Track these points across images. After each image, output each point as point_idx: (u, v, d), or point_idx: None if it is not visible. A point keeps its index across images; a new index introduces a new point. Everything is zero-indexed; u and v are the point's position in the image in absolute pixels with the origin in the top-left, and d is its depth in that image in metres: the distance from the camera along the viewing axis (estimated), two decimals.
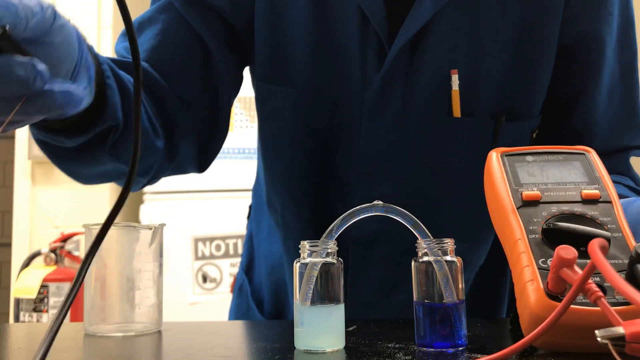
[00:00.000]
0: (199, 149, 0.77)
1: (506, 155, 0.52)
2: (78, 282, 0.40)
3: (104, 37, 2.59)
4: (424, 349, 0.45)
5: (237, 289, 0.91)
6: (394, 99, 0.70)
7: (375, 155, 0.71)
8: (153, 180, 0.74)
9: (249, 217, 0.95)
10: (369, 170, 0.72)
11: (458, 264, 0.46)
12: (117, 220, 0.46)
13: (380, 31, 0.69)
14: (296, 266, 0.47)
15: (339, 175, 0.74)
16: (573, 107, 0.76)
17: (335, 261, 0.46)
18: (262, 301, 0.86)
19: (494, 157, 0.52)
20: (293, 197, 0.77)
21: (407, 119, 0.71)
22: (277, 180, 0.79)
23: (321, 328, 0.46)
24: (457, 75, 0.68)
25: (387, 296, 0.74)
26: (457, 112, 0.70)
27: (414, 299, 0.47)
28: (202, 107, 0.75)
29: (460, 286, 0.46)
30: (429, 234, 0.47)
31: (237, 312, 0.90)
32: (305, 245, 0.47)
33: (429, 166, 0.72)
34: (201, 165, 0.79)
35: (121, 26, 0.44)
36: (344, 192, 0.74)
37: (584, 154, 0.52)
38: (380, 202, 0.48)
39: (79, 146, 0.60)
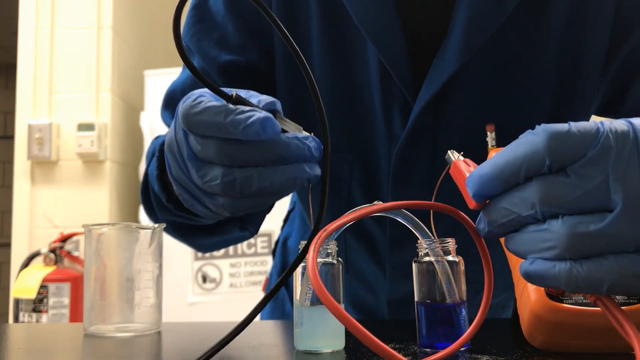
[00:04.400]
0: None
1: None
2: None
3: (104, 37, 2.59)
4: (426, 349, 0.45)
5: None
6: (421, 158, 0.66)
7: None
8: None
9: (285, 221, 0.94)
10: (400, 238, 0.69)
11: (460, 264, 0.46)
12: (116, 221, 0.46)
13: (404, 86, 0.64)
14: None
15: (370, 242, 0.73)
16: None
17: (335, 262, 0.46)
18: None
19: None
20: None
21: (437, 178, 0.67)
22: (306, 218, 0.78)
23: (321, 328, 0.45)
24: (494, 133, 0.59)
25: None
26: None
27: (416, 299, 0.47)
28: None
29: (462, 286, 0.46)
30: (430, 234, 0.47)
31: (273, 315, 0.89)
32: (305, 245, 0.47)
33: (465, 230, 0.66)
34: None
35: (120, 26, 0.43)
36: (378, 257, 0.73)
37: None
38: (380, 201, 0.47)
39: (214, 223, 0.65)
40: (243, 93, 0.45)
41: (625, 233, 0.34)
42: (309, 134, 0.43)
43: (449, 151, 0.46)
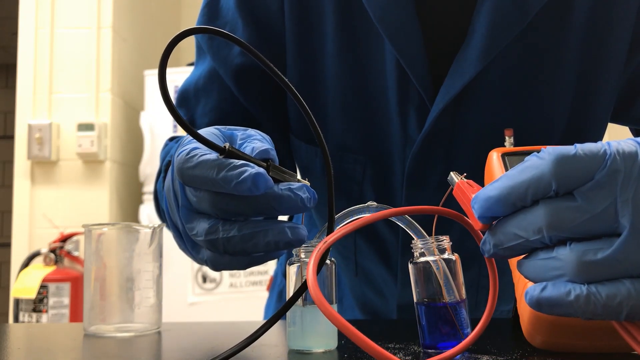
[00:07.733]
0: None
1: (507, 155, 0.52)
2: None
3: (104, 37, 2.59)
4: (427, 350, 0.45)
5: (277, 294, 0.89)
6: (437, 160, 0.65)
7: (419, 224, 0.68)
8: None
9: (290, 219, 0.94)
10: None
11: (457, 262, 0.46)
12: (116, 221, 0.46)
13: (421, 87, 0.63)
14: (289, 267, 0.47)
15: (381, 245, 0.72)
16: None
17: (328, 262, 0.46)
18: None
19: (495, 157, 0.52)
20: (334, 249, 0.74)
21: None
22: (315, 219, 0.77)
23: (314, 328, 0.45)
24: (512, 138, 0.57)
25: None
26: None
27: (415, 300, 0.46)
28: None
29: (461, 284, 0.46)
30: (425, 233, 0.47)
31: None
32: None
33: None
34: None
35: (120, 26, 0.44)
36: (389, 260, 0.72)
37: None
38: (374, 202, 0.47)
39: None
40: (239, 133, 0.45)
41: (635, 257, 0.33)
42: (303, 183, 0.43)
43: (451, 172, 0.45)
